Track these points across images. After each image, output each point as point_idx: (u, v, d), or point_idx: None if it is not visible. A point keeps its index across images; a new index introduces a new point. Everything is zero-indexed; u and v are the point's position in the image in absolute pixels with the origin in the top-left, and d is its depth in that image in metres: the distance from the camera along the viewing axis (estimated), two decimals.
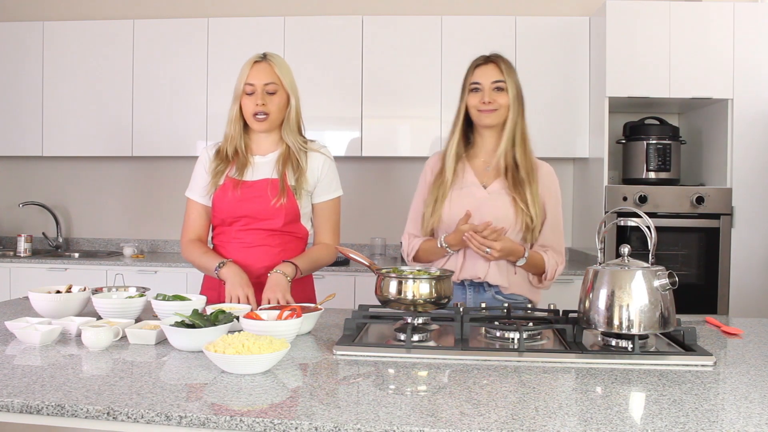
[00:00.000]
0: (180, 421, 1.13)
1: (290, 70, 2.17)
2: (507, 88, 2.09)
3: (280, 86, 2.12)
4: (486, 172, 2.16)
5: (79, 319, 1.73)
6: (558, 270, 2.10)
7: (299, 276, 2.09)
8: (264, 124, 2.12)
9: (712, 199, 3.52)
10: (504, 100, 2.10)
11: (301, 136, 2.20)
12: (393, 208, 4.24)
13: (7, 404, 1.19)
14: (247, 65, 2.12)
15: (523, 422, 1.10)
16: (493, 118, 2.11)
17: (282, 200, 2.09)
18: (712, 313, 3.51)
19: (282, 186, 2.10)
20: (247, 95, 2.10)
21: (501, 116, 2.11)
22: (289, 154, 2.15)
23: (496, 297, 2.12)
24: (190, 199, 2.23)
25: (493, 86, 2.09)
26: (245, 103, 2.11)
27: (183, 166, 4.08)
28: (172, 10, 4.34)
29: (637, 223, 1.67)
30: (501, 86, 2.09)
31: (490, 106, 2.09)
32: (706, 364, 1.48)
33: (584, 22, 3.86)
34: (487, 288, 2.13)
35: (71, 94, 4.09)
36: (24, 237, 4.11)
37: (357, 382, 1.37)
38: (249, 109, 2.11)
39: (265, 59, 2.12)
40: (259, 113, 2.09)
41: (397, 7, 4.20)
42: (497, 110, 2.10)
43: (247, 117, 2.13)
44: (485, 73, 2.11)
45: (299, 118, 2.19)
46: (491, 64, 2.12)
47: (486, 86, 2.10)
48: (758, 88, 3.54)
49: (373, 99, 3.92)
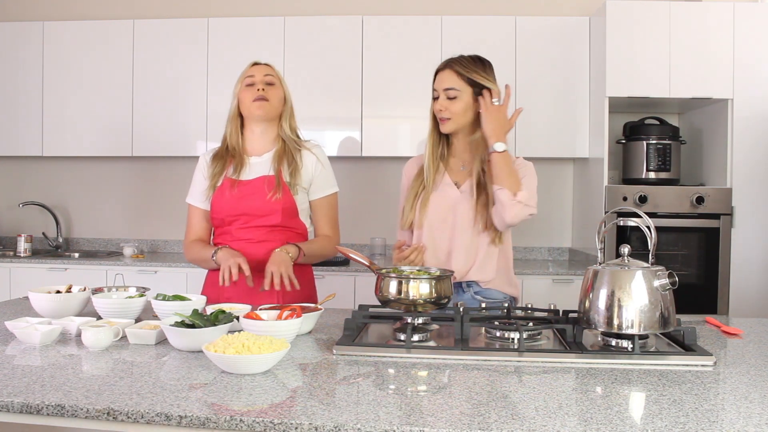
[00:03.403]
0: (180, 421, 1.13)
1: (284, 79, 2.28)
2: (461, 96, 2.05)
3: (279, 82, 2.22)
4: (461, 171, 2.16)
5: (79, 319, 1.73)
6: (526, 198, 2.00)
7: (301, 259, 2.13)
8: (263, 108, 2.16)
9: (712, 199, 3.52)
10: (457, 107, 2.06)
11: (295, 135, 2.26)
12: (393, 208, 4.18)
13: (7, 404, 1.19)
14: (247, 67, 2.24)
15: (523, 422, 1.10)
16: (447, 126, 2.10)
17: (278, 195, 2.13)
18: (712, 313, 3.51)
19: (278, 181, 2.14)
20: (246, 87, 2.18)
21: (456, 123, 2.08)
22: (285, 151, 2.20)
23: (475, 297, 2.12)
24: (190, 204, 2.29)
25: (446, 94, 2.07)
26: (244, 95, 2.18)
27: (183, 166, 4.08)
28: (172, 10, 4.34)
29: (637, 223, 1.67)
30: (452, 95, 2.06)
31: (443, 114, 2.08)
32: (706, 364, 1.48)
33: (584, 22, 3.86)
34: (465, 288, 2.13)
35: (71, 94, 4.09)
36: (24, 237, 4.11)
37: (357, 382, 1.37)
38: (248, 98, 2.17)
39: (263, 63, 2.25)
40: (258, 98, 2.15)
41: (397, 7, 4.20)
42: (451, 119, 2.07)
43: (246, 107, 2.18)
44: (440, 80, 2.10)
45: (294, 123, 2.27)
46: (447, 70, 2.09)
47: (440, 93, 2.09)
48: (758, 88, 3.54)
49: (372, 99, 3.92)
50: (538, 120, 3.84)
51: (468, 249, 2.10)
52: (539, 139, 3.85)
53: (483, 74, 2.08)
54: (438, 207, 2.13)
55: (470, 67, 2.08)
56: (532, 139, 3.82)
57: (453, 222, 2.12)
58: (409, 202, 2.18)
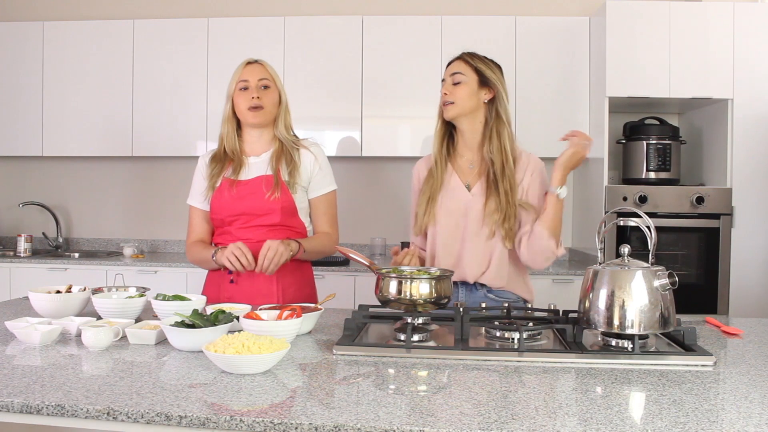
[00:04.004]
0: (180, 421, 1.13)
1: (279, 76, 2.26)
2: (467, 81, 2.07)
3: (273, 84, 2.20)
4: (470, 170, 2.15)
5: (79, 319, 1.73)
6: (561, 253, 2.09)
7: (301, 255, 2.14)
8: (259, 117, 2.16)
9: (712, 199, 3.53)
10: (462, 92, 2.08)
11: (292, 134, 2.26)
12: (393, 208, 4.25)
13: (7, 404, 1.19)
14: (240, 66, 2.21)
15: (523, 422, 1.10)
16: (451, 111, 2.09)
17: (276, 194, 2.13)
18: (712, 313, 3.51)
19: (276, 180, 2.15)
20: (240, 91, 2.17)
21: (459, 108, 2.08)
22: (282, 150, 2.20)
23: (488, 296, 2.12)
24: (191, 206, 2.30)
25: (451, 79, 2.10)
26: (238, 100, 2.17)
27: (183, 166, 4.09)
28: (172, 10, 4.34)
29: (637, 223, 1.67)
30: (458, 79, 2.08)
31: (446, 98, 2.10)
32: (706, 364, 1.48)
33: (584, 22, 3.86)
34: (479, 287, 2.13)
35: (71, 94, 4.09)
36: (24, 237, 4.11)
37: (357, 382, 1.37)
38: (243, 104, 2.16)
39: (257, 62, 2.22)
40: (254, 106, 2.14)
41: (397, 7, 4.20)
42: (454, 103, 2.08)
43: (242, 113, 2.18)
44: (450, 68, 2.13)
45: (290, 120, 2.26)
46: (457, 60, 2.13)
47: (447, 80, 2.11)
48: (758, 88, 3.54)
49: (372, 99, 3.92)
50: (538, 120, 3.84)
51: (480, 254, 2.09)
52: (539, 139, 3.83)
53: (491, 69, 2.10)
54: (449, 211, 2.11)
55: (479, 58, 2.12)
56: (532, 139, 3.80)
57: (465, 226, 2.10)
58: (422, 206, 2.15)
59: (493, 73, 2.10)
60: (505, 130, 2.09)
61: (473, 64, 2.09)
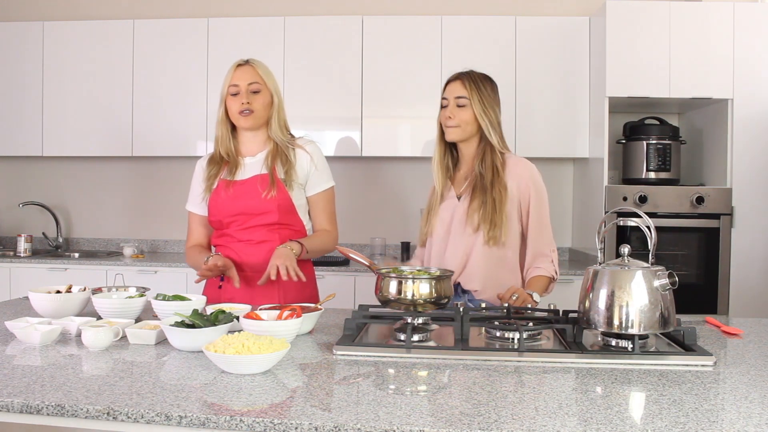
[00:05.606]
0: (180, 421, 1.13)
1: (273, 74, 2.24)
2: (471, 105, 2.12)
3: (264, 86, 2.18)
4: (464, 182, 2.20)
5: (79, 319, 1.73)
6: (556, 269, 2.13)
7: (305, 255, 2.13)
8: (249, 120, 2.16)
9: (712, 199, 3.52)
10: (466, 116, 2.13)
11: (287, 133, 2.25)
12: (393, 208, 4.25)
13: (7, 404, 1.19)
14: (231, 69, 2.20)
15: (523, 422, 1.10)
16: (454, 134, 2.15)
17: (272, 192, 2.13)
18: (712, 313, 3.51)
19: (272, 179, 2.15)
20: (231, 96, 2.17)
21: (464, 132, 2.15)
22: (278, 150, 2.20)
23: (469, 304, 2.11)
24: (190, 211, 2.31)
25: (456, 102, 2.14)
26: (230, 104, 2.18)
27: (183, 166, 4.09)
28: (172, 10, 4.34)
29: (637, 223, 1.67)
30: (462, 103, 2.13)
31: (450, 122, 2.14)
32: (706, 364, 1.48)
33: (584, 22, 3.86)
34: (462, 293, 2.14)
35: (71, 94, 4.09)
36: (24, 237, 4.11)
37: (357, 382, 1.37)
38: (234, 108, 2.17)
39: (247, 63, 2.21)
40: (244, 110, 2.14)
41: (397, 7, 4.20)
42: (459, 126, 2.14)
43: (233, 116, 2.19)
44: (451, 89, 2.17)
45: (284, 118, 2.25)
46: (458, 81, 2.16)
47: (450, 102, 2.15)
48: (758, 88, 3.54)
49: (372, 99, 3.92)
50: (538, 120, 3.84)
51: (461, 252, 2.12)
52: (539, 139, 3.85)
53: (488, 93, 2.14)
54: (442, 220, 2.19)
55: (480, 85, 2.15)
56: (532, 139, 3.82)
57: (450, 227, 2.17)
58: (423, 219, 2.26)
59: (490, 98, 2.15)
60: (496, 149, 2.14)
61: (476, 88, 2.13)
